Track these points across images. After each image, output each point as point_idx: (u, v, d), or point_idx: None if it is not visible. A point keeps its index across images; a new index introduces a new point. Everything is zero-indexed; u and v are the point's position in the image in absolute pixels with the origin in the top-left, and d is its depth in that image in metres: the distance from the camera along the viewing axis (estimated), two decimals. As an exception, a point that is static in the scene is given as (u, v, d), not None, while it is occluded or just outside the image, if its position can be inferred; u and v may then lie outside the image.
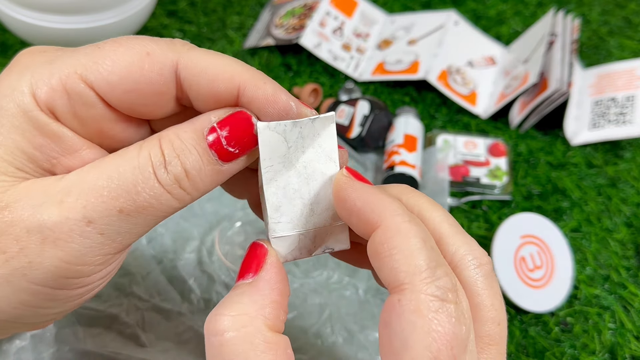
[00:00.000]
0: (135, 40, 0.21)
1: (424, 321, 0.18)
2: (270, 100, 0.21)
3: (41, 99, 0.20)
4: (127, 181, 0.20)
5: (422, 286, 0.19)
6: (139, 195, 0.20)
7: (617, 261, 0.50)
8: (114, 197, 0.19)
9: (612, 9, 0.76)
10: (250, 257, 0.22)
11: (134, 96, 0.21)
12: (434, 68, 0.61)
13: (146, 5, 0.57)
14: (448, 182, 0.51)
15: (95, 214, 0.19)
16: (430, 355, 0.18)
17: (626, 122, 0.57)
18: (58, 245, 0.19)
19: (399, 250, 0.19)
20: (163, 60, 0.21)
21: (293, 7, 0.67)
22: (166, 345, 0.36)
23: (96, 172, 0.20)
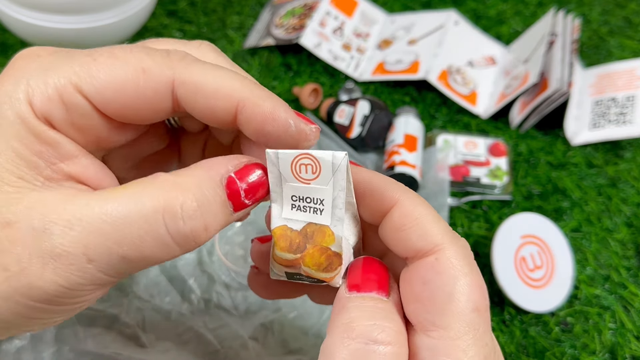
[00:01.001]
0: (131, 53, 0.21)
1: (464, 275, 0.20)
2: (268, 118, 0.21)
3: (37, 108, 0.20)
4: (135, 232, 0.19)
5: (453, 246, 0.21)
6: (145, 246, 0.19)
7: (617, 261, 0.50)
8: (117, 244, 0.19)
9: (613, 8, 0.76)
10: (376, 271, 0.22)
11: (130, 110, 0.21)
12: (434, 68, 0.61)
13: (146, 5, 0.57)
14: (448, 182, 0.51)
15: (96, 256, 0.19)
16: (472, 305, 0.20)
17: (626, 122, 0.57)
18: (57, 273, 0.19)
19: (425, 218, 0.21)
20: (159, 77, 0.21)
21: (293, 7, 0.67)
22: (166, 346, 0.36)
23: (102, 213, 0.19)
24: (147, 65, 0.20)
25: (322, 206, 0.22)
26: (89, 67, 0.20)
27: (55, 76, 0.20)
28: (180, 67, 0.21)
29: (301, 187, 0.22)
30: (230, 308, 0.40)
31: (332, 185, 0.22)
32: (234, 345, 0.37)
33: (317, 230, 0.22)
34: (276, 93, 0.59)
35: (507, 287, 0.45)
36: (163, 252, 0.20)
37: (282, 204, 0.23)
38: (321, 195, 0.22)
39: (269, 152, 0.22)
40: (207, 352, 0.36)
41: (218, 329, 0.38)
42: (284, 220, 0.23)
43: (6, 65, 0.21)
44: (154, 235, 0.19)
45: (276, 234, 0.23)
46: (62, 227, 0.19)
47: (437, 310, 0.20)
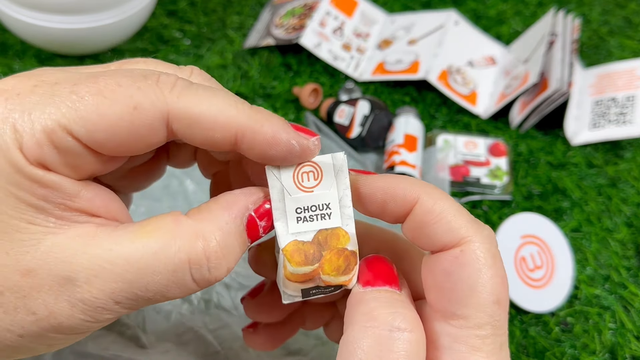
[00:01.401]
0: (119, 88, 0.19)
1: (488, 268, 0.21)
2: (271, 143, 0.21)
3: (30, 154, 0.19)
4: (160, 282, 0.20)
5: (479, 238, 0.21)
6: (170, 292, 0.20)
7: (617, 261, 0.50)
8: (143, 291, 0.20)
9: (613, 8, 0.76)
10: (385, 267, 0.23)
11: (123, 147, 0.20)
12: (434, 68, 0.61)
13: (146, 5, 0.57)
14: (448, 182, 0.51)
15: (122, 299, 0.20)
16: (494, 297, 0.20)
17: (626, 122, 0.57)
18: (87, 314, 0.20)
19: (448, 212, 0.21)
20: (152, 114, 0.20)
21: (293, 7, 0.67)
22: (167, 347, 0.36)
23: (127, 263, 0.19)
24: (138, 101, 0.19)
25: (329, 210, 0.22)
26: (75, 107, 0.19)
27: (42, 119, 0.19)
28: (173, 98, 0.20)
29: (305, 197, 0.22)
30: (230, 308, 0.40)
31: (335, 186, 0.22)
32: (235, 346, 0.37)
33: (329, 234, 0.22)
34: (276, 93, 0.59)
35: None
36: (185, 294, 0.21)
37: (286, 220, 0.22)
38: (326, 200, 0.22)
39: (271, 168, 0.22)
40: (207, 353, 0.36)
41: (218, 330, 0.38)
42: (292, 235, 0.22)
43: (6, 65, 0.21)
44: (180, 284, 0.20)
45: (288, 251, 0.22)
46: (87, 275, 0.19)
47: (459, 301, 0.21)
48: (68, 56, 0.57)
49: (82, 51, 0.57)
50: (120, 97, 0.19)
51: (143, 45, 0.61)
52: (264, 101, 0.58)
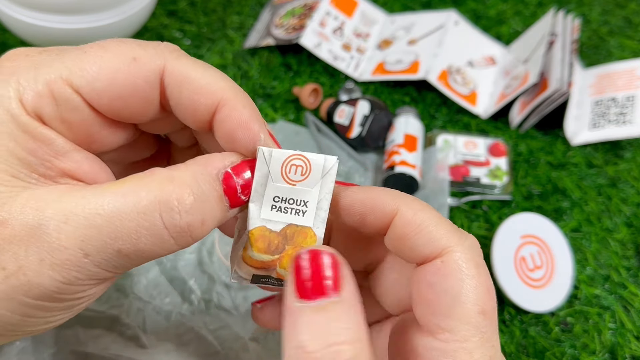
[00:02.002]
0: (122, 45, 0.21)
1: (471, 278, 0.20)
2: (242, 125, 0.21)
3: (28, 104, 0.20)
4: (131, 226, 0.19)
5: (460, 248, 0.21)
6: (141, 240, 0.19)
7: (617, 261, 0.50)
8: (113, 239, 0.19)
9: (613, 8, 0.76)
10: (325, 266, 0.20)
11: (120, 102, 0.21)
12: (434, 68, 0.61)
13: (146, 5, 0.57)
14: (448, 182, 0.51)
15: (92, 250, 0.19)
16: (479, 308, 0.20)
17: (626, 122, 0.57)
18: (55, 269, 0.19)
19: (428, 222, 0.21)
20: (150, 66, 0.21)
21: (293, 7, 0.67)
22: (167, 347, 0.36)
23: (98, 206, 0.19)
24: (138, 54, 0.21)
25: (306, 208, 0.22)
26: (79, 60, 0.20)
27: (46, 72, 0.20)
28: (171, 58, 0.21)
29: (286, 188, 0.22)
30: (230, 308, 0.40)
31: (319, 187, 0.22)
32: (235, 346, 0.37)
33: (298, 231, 0.22)
34: (276, 93, 0.59)
35: (507, 287, 0.45)
36: (159, 247, 0.20)
37: (261, 204, 0.22)
38: (306, 197, 0.22)
39: (263, 149, 0.22)
40: (207, 354, 0.36)
41: (218, 330, 0.38)
42: (262, 220, 0.22)
43: None
44: (150, 230, 0.19)
45: (254, 235, 0.22)
46: (57, 221, 0.19)
47: (443, 313, 0.20)
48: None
49: (82, 51, 0.57)
50: (123, 51, 0.20)
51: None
52: (264, 101, 0.58)
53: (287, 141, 0.54)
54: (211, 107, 0.21)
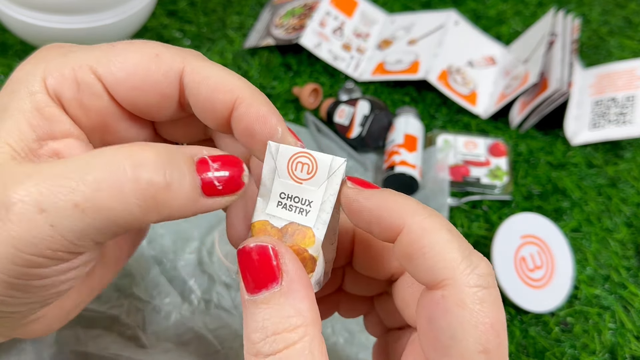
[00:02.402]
0: (148, 43, 0.22)
1: (471, 315, 0.19)
2: (260, 119, 0.22)
3: (50, 85, 0.21)
4: (92, 175, 0.18)
5: (464, 278, 0.19)
6: (101, 195, 0.18)
7: (617, 261, 0.50)
8: (70, 190, 0.18)
9: (612, 8, 0.76)
10: (260, 260, 0.20)
11: (139, 94, 0.22)
12: (434, 68, 0.61)
13: (146, 5, 0.57)
14: (448, 182, 0.51)
15: (48, 204, 0.18)
16: (480, 347, 0.19)
17: (626, 122, 0.57)
18: (9, 227, 0.18)
19: (430, 247, 0.20)
20: (170, 63, 0.22)
21: (293, 7, 0.67)
22: (167, 347, 0.36)
23: (64, 163, 0.18)
24: (161, 51, 0.22)
25: (309, 208, 0.22)
26: (106, 51, 0.22)
27: (73, 58, 0.21)
28: (191, 58, 0.22)
29: (292, 185, 0.22)
30: (230, 308, 0.40)
31: (324, 188, 0.22)
32: (235, 346, 0.37)
33: (298, 230, 0.22)
34: (276, 93, 0.59)
35: (507, 287, 0.45)
36: (121, 206, 0.18)
37: (268, 199, 0.22)
38: (310, 197, 0.22)
39: (271, 143, 0.22)
40: (207, 353, 0.36)
41: (218, 330, 0.38)
42: (267, 215, 0.22)
43: (6, 65, 0.22)
44: (112, 182, 0.18)
45: (255, 228, 0.22)
46: (20, 179, 0.18)
47: (441, 351, 0.19)
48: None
49: (82, 51, 0.57)
50: (147, 48, 0.22)
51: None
52: (264, 101, 0.58)
53: (287, 141, 0.54)
54: (229, 104, 0.22)
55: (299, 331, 0.19)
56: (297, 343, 0.19)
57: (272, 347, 0.19)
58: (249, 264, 0.20)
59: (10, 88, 0.21)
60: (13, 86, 0.21)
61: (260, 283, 0.20)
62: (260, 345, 0.19)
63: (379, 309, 0.28)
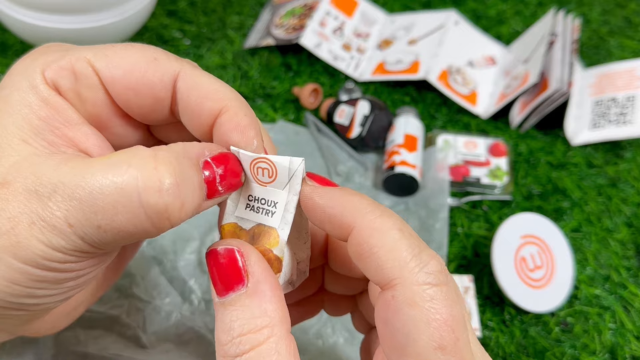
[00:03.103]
0: (148, 47, 0.23)
1: (422, 312, 0.19)
2: (239, 129, 0.22)
3: (49, 76, 0.21)
4: (109, 202, 0.19)
5: (412, 277, 0.19)
6: (118, 217, 0.19)
7: (617, 261, 0.50)
8: (93, 212, 0.19)
9: (613, 8, 0.76)
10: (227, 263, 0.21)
11: (133, 94, 0.22)
12: (434, 68, 0.61)
13: (146, 5, 0.57)
14: (448, 182, 0.51)
15: (75, 221, 0.19)
16: (435, 344, 0.18)
17: (626, 122, 0.57)
18: (44, 233, 0.19)
19: (379, 247, 0.20)
20: (167, 68, 0.22)
21: (293, 7, 0.67)
22: (167, 347, 0.36)
23: (81, 180, 0.19)
24: (159, 56, 0.22)
25: (275, 209, 0.22)
26: (106, 48, 0.22)
27: (72, 53, 0.22)
28: (187, 66, 0.23)
29: (258, 188, 0.23)
30: (230, 308, 0.40)
31: (287, 189, 0.22)
32: (235, 345, 0.37)
33: (264, 231, 0.22)
34: (276, 93, 0.59)
35: (507, 287, 0.45)
36: (135, 227, 0.19)
37: (237, 201, 0.23)
38: (276, 198, 0.22)
39: (233, 148, 0.22)
40: (207, 353, 0.36)
41: (218, 330, 0.38)
42: (236, 218, 0.23)
43: (7, 65, 0.22)
44: (127, 207, 0.19)
45: (225, 230, 0.23)
46: (49, 190, 0.19)
47: (398, 352, 0.19)
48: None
49: (82, 51, 0.57)
50: (147, 51, 0.22)
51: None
52: (264, 101, 0.58)
53: (287, 141, 0.54)
54: (215, 112, 0.22)
55: (264, 332, 0.19)
56: (263, 344, 0.19)
57: (238, 349, 0.19)
58: (217, 267, 0.21)
59: (10, 81, 0.22)
60: (13, 79, 0.22)
61: (227, 285, 0.20)
62: (227, 347, 0.19)
63: (361, 307, 0.28)
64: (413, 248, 0.20)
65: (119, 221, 0.19)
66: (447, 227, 0.49)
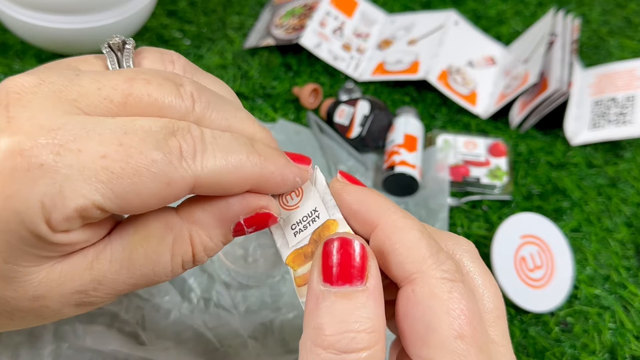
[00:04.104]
0: (153, 165, 0.19)
1: (441, 303, 0.19)
2: (280, 185, 0.23)
3: (55, 227, 0.19)
4: (155, 279, 0.22)
5: (431, 272, 0.20)
6: (157, 279, 0.22)
7: (617, 261, 0.50)
8: (135, 286, 0.22)
9: (612, 9, 0.76)
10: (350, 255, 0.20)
11: (147, 210, 0.21)
12: (434, 68, 0.61)
13: (146, 5, 0.57)
14: (448, 182, 0.51)
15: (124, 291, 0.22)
16: (454, 332, 0.19)
17: (626, 122, 0.57)
18: None
19: (401, 244, 0.20)
20: (182, 187, 0.20)
21: (293, 7, 0.67)
22: (166, 344, 0.36)
23: (130, 273, 0.21)
24: (171, 178, 0.20)
25: (317, 212, 0.24)
26: (112, 185, 0.19)
27: (75, 198, 0.19)
28: (197, 169, 0.20)
29: (294, 214, 0.24)
30: (230, 307, 0.40)
31: (316, 193, 0.24)
32: (234, 344, 0.37)
33: (321, 229, 0.23)
34: (276, 93, 0.59)
35: (507, 287, 0.45)
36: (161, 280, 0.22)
37: (286, 238, 0.24)
38: (313, 206, 0.24)
39: None
40: (206, 351, 0.36)
41: (218, 328, 0.38)
42: (292, 248, 0.24)
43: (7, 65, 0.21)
44: (166, 269, 0.22)
45: (290, 260, 0.24)
46: (94, 286, 0.21)
47: (419, 343, 0.20)
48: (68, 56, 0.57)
49: (82, 51, 0.57)
50: (156, 177, 0.20)
51: (143, 45, 0.61)
52: (264, 101, 0.58)
53: (287, 141, 0.54)
54: (243, 190, 0.23)
55: (374, 336, 0.19)
56: (375, 346, 0.19)
57: (350, 345, 0.19)
58: (340, 254, 0.20)
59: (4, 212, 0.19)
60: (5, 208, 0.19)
61: (346, 277, 0.20)
62: (335, 339, 0.19)
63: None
64: (432, 247, 0.20)
65: (159, 279, 0.23)
66: (447, 227, 0.49)
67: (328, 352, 0.19)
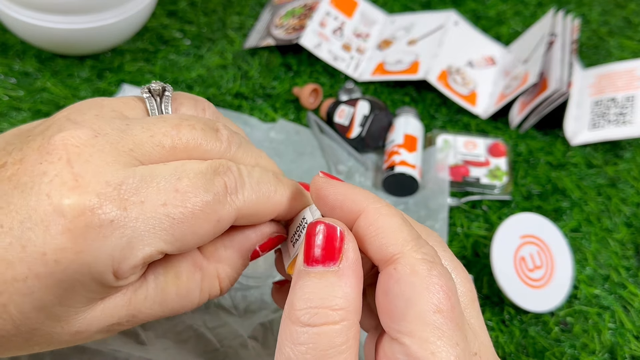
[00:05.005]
0: (206, 207, 0.22)
1: (421, 279, 0.21)
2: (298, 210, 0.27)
3: (121, 275, 0.21)
4: (183, 310, 0.25)
5: (412, 253, 0.21)
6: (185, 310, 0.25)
7: (617, 261, 0.50)
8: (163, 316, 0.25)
9: (612, 9, 0.76)
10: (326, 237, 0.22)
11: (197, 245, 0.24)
12: (434, 68, 0.61)
13: (146, 5, 0.57)
14: (448, 182, 0.51)
15: None
16: (433, 307, 0.20)
17: (626, 122, 0.57)
18: None
19: (384, 228, 0.22)
20: (228, 222, 0.23)
21: (293, 7, 0.67)
22: (166, 344, 0.36)
23: (162, 308, 0.24)
24: (221, 215, 0.23)
25: (305, 219, 0.26)
26: (172, 231, 0.21)
27: (142, 248, 0.21)
28: (240, 204, 0.23)
29: (290, 227, 0.27)
30: (229, 307, 0.40)
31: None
32: (234, 344, 0.37)
33: None
34: (276, 93, 0.59)
35: (506, 287, 0.45)
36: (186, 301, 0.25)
37: (287, 248, 0.27)
38: (301, 215, 0.26)
39: None
40: (206, 351, 0.36)
41: (217, 328, 0.38)
42: (292, 257, 0.26)
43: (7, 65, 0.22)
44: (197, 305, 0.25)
45: (290, 268, 0.26)
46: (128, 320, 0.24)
47: (399, 317, 0.21)
48: (68, 56, 0.57)
49: (82, 51, 0.57)
50: (209, 216, 0.22)
51: (143, 45, 0.61)
52: (264, 101, 0.58)
53: (287, 141, 0.54)
54: (271, 217, 0.26)
55: (340, 313, 0.20)
56: (336, 324, 0.20)
57: (312, 319, 0.20)
58: (316, 237, 0.22)
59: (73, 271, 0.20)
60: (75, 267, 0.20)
61: (320, 258, 0.21)
62: (301, 313, 0.20)
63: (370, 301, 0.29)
64: (412, 233, 0.22)
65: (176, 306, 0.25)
66: (447, 227, 0.49)
67: (295, 326, 0.20)
